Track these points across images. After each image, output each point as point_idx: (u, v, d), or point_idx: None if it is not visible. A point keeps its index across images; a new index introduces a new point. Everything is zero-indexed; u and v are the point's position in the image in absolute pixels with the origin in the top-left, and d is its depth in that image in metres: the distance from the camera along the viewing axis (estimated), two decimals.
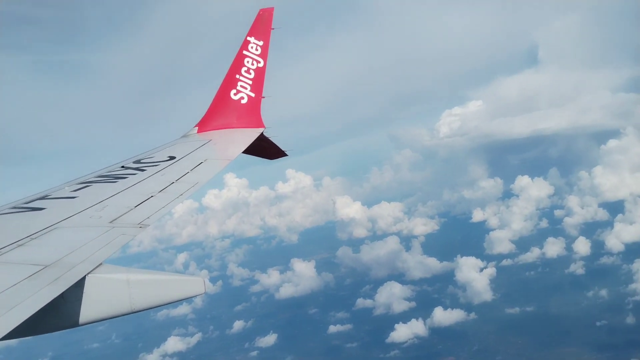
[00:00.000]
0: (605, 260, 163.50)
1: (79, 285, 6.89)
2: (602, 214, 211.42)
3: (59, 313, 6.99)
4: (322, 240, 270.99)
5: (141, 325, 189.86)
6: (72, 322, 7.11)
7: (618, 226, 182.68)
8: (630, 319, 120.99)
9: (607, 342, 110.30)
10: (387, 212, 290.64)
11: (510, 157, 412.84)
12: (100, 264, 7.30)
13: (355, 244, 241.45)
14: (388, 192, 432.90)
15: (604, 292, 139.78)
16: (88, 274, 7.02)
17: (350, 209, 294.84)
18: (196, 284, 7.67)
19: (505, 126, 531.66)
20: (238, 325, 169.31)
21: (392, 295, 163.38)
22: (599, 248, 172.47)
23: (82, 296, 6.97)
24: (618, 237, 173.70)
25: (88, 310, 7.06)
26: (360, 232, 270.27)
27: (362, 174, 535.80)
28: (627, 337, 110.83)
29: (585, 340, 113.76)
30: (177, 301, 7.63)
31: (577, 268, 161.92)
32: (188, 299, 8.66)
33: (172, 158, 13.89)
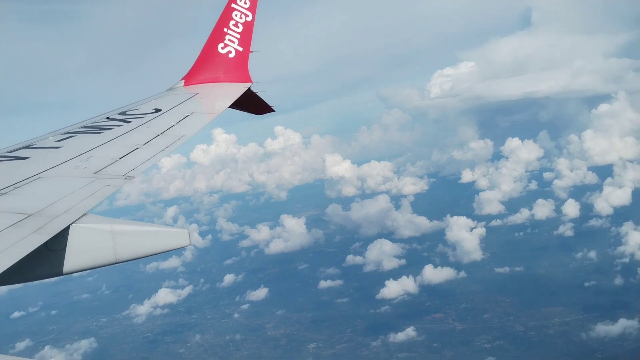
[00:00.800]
0: (594, 223, 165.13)
1: (63, 235, 6.89)
2: (592, 178, 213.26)
3: (43, 262, 7.00)
4: (311, 197, 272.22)
5: (131, 278, 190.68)
6: (56, 271, 7.11)
7: (607, 190, 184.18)
8: (618, 281, 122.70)
9: (594, 302, 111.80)
10: (377, 171, 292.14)
11: (501, 119, 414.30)
12: (85, 214, 7.27)
13: (345, 202, 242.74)
14: (377, 151, 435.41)
15: (592, 254, 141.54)
16: (72, 223, 7.00)
17: (339, 167, 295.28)
18: (181, 236, 7.63)
19: (497, 88, 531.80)
20: (228, 278, 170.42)
21: (382, 253, 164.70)
22: (587, 211, 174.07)
23: (66, 246, 6.97)
24: (607, 200, 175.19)
25: (72, 259, 7.07)
26: (349, 190, 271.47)
27: (351, 133, 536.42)
28: (614, 298, 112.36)
29: (573, 301, 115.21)
30: (162, 252, 7.57)
31: (566, 230, 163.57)
32: (173, 251, 8.50)
33: (157, 110, 13.74)
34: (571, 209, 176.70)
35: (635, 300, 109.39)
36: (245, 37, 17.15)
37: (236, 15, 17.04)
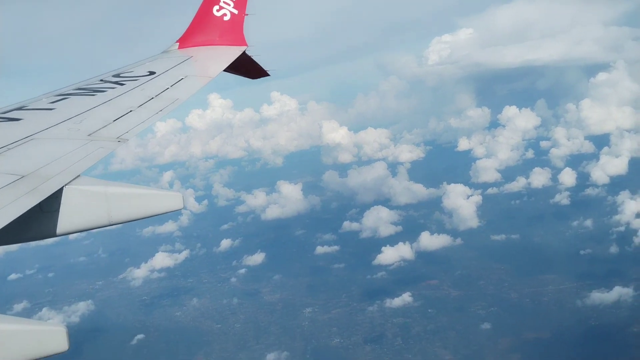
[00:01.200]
0: (590, 191, 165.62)
1: (57, 196, 6.83)
2: (588, 147, 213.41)
3: (37, 223, 6.96)
4: (307, 164, 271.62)
5: (127, 241, 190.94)
6: (50, 232, 7.07)
7: (604, 159, 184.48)
8: (613, 249, 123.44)
9: (589, 270, 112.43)
10: (373, 138, 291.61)
11: (499, 87, 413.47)
12: (78, 176, 7.22)
13: (341, 169, 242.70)
14: (374, 118, 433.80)
15: (588, 223, 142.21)
16: (66, 185, 6.94)
17: (336, 134, 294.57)
18: (175, 199, 7.53)
19: (496, 56, 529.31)
20: (225, 243, 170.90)
21: (379, 220, 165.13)
22: (584, 180, 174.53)
23: (59, 207, 6.91)
24: (603, 169, 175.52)
25: (66, 221, 7.00)
26: (345, 157, 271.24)
27: (348, 99, 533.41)
28: (609, 266, 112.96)
29: (568, 269, 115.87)
30: (156, 215, 7.49)
31: (562, 198, 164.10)
32: (169, 216, 8.40)
33: (152, 73, 13.59)
34: (568, 177, 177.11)
35: (630, 268, 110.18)
36: (241, 0, 16.86)
37: None
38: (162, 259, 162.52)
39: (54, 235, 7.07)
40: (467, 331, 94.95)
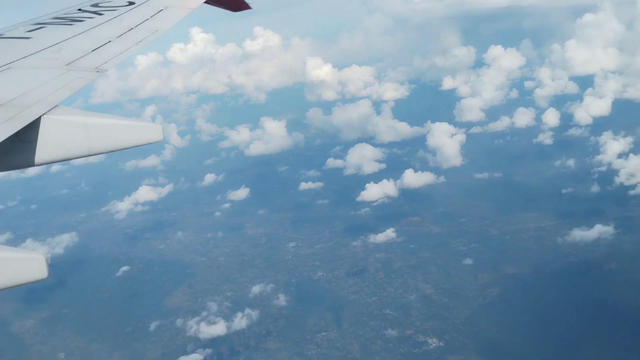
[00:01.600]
0: (573, 132, 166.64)
1: (34, 126, 6.75)
2: (572, 87, 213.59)
3: (15, 152, 6.90)
4: (290, 100, 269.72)
5: (110, 175, 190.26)
6: (28, 161, 7.01)
7: (587, 100, 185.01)
8: (595, 188, 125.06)
9: (570, 209, 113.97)
10: (358, 76, 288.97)
11: (485, 27, 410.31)
12: (56, 106, 7.15)
13: (325, 106, 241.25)
14: (358, 56, 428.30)
15: (570, 163, 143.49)
16: (44, 115, 6.86)
17: (320, 71, 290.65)
18: (154, 131, 7.45)
19: None
20: (209, 178, 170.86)
21: (363, 157, 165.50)
22: (567, 120, 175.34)
23: (37, 137, 6.83)
24: (587, 110, 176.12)
25: (44, 150, 6.93)
26: (329, 94, 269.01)
27: (332, 36, 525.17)
28: (589, 205, 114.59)
29: (548, 207, 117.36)
30: (136, 146, 7.39)
31: (545, 138, 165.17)
32: (152, 149, 8.19)
33: (131, 4, 13.27)
34: (551, 117, 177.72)
35: (611, 207, 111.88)
36: None
37: None
38: (145, 193, 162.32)
39: (32, 164, 7.01)
40: (448, 266, 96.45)
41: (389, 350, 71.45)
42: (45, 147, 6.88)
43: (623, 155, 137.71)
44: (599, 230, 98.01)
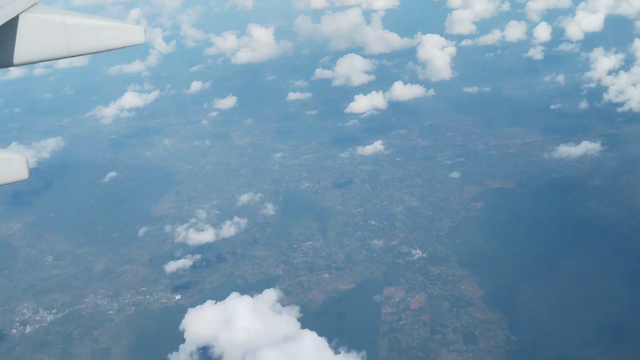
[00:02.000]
0: (564, 47, 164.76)
1: (12, 24, 6.52)
2: (565, 1, 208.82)
3: None
4: (278, 7, 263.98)
5: (94, 79, 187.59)
6: (7, 61, 6.79)
7: (580, 14, 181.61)
8: (583, 105, 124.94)
9: (557, 125, 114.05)
10: None
11: None
12: (35, 4, 6.88)
13: (313, 14, 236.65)
14: None
15: (560, 78, 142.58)
16: (22, 13, 6.59)
17: None
18: (136, 32, 7.21)
19: None
20: (195, 85, 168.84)
21: (352, 68, 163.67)
22: (559, 35, 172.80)
23: (15, 35, 6.63)
24: (579, 25, 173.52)
25: (23, 50, 6.73)
26: (318, 2, 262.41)
27: None
28: (577, 121, 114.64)
29: (536, 122, 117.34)
30: (117, 48, 7.17)
31: (536, 53, 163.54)
32: (136, 54, 7.74)
33: None
34: (542, 32, 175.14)
35: (599, 124, 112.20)
36: None
37: None
38: (131, 99, 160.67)
39: (11, 64, 6.78)
40: (434, 179, 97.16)
41: (373, 260, 72.80)
42: (24, 47, 6.68)
43: (613, 72, 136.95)
44: (586, 147, 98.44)
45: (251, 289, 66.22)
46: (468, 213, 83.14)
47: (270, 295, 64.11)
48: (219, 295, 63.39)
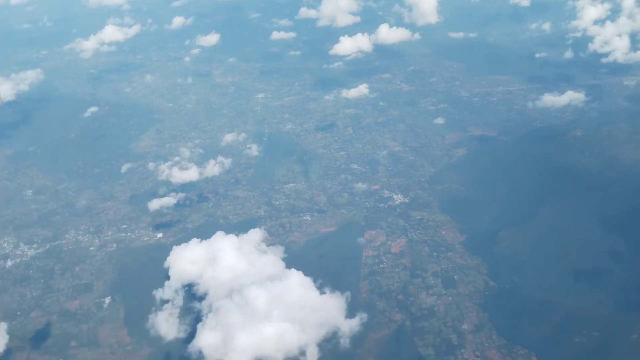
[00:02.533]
0: None
1: None
2: None
3: None
4: None
5: (73, 11, 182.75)
6: None
7: None
8: (568, 54, 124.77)
9: (541, 74, 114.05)
10: None
11: None
12: None
13: None
14: None
15: (546, 26, 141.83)
16: None
17: None
18: None
19: None
20: (177, 21, 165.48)
21: (337, 8, 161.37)
22: None
23: None
24: None
25: None
26: None
27: None
28: (560, 71, 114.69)
29: (519, 70, 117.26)
30: None
31: (522, 0, 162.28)
32: None
33: None
34: None
35: (583, 74, 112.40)
36: None
37: None
38: (111, 32, 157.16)
39: None
40: (416, 125, 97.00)
41: (355, 204, 73.14)
42: None
43: (599, 22, 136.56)
44: (570, 96, 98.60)
45: (233, 229, 66.21)
46: (450, 160, 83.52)
47: (255, 234, 64.31)
48: (201, 234, 63.35)
